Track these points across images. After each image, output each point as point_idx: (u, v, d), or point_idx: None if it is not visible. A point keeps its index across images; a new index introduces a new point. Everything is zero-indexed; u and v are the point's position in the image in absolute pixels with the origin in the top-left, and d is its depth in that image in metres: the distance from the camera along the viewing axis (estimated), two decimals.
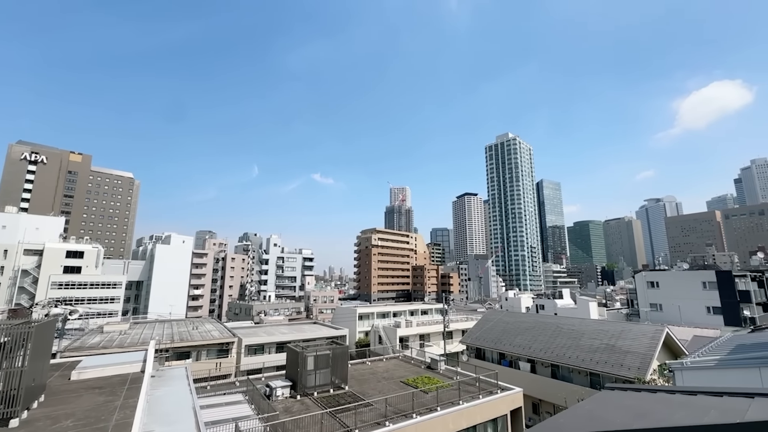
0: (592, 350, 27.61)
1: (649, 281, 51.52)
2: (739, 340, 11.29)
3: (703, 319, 44.25)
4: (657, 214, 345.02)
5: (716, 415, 3.50)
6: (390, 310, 59.82)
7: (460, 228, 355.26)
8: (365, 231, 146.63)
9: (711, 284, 45.67)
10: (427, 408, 17.07)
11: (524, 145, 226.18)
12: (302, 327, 49.08)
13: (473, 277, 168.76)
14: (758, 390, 3.84)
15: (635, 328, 29.34)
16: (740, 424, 3.09)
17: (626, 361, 25.27)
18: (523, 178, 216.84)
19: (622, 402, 5.17)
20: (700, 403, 4.05)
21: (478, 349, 35.61)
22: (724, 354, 8.94)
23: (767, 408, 3.32)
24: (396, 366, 25.90)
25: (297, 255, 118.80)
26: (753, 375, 7.39)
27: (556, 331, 31.88)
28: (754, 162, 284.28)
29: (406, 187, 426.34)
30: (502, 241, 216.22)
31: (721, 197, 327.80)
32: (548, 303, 65.17)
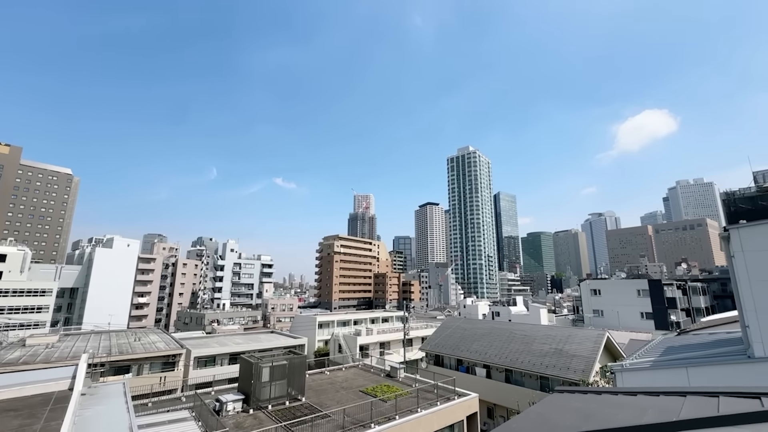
0: (542, 354, 29.02)
1: (592, 289, 55.56)
2: (668, 342, 12.40)
3: (638, 324, 48.40)
4: (599, 227, 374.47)
5: (654, 415, 3.76)
6: (351, 318, 59.11)
7: (422, 236, 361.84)
8: (327, 237, 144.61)
9: (644, 292, 50.21)
10: (386, 417, 16.92)
11: (483, 159, 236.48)
12: (258, 336, 46.97)
13: (433, 284, 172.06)
14: (689, 389, 4.19)
15: (580, 333, 31.32)
16: (676, 422, 3.34)
17: (572, 364, 26.82)
18: (481, 190, 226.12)
19: (570, 404, 5.42)
20: (639, 403, 4.35)
21: (437, 355, 36.10)
22: (657, 356, 9.76)
23: (698, 406, 3.63)
24: (355, 375, 25.50)
25: (255, 261, 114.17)
26: (681, 374, 8.10)
27: (509, 337, 33.18)
28: (679, 183, 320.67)
29: (369, 194, 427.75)
30: (461, 250, 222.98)
31: (652, 213, 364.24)
32: (503, 310, 67.89)
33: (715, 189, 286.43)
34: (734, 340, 9.10)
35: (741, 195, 14.46)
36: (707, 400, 3.77)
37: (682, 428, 3.35)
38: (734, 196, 14.65)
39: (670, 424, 3.36)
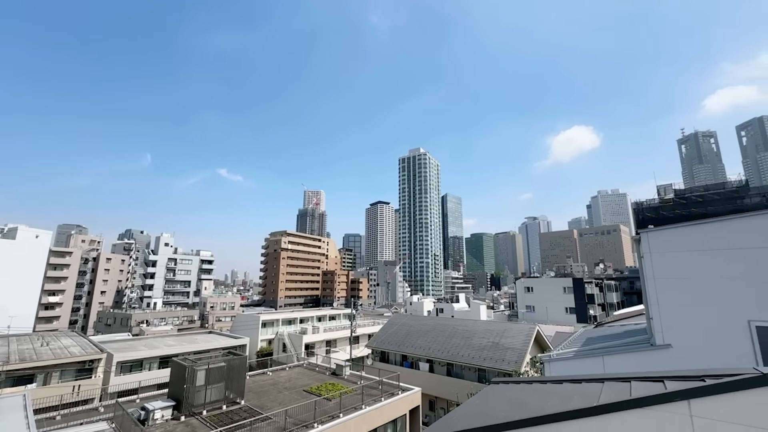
0: (480, 348, 30.76)
1: (526, 287, 60.24)
2: (587, 334, 13.82)
3: (563, 318, 53.48)
4: (534, 230, 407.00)
5: (578, 401, 4.14)
6: (297, 316, 57.58)
7: (372, 234, 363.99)
8: (275, 233, 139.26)
9: (569, 289, 55.66)
10: (330, 415, 16.73)
11: (433, 161, 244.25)
12: (194, 337, 43.76)
13: (382, 282, 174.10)
14: (606, 376, 4.68)
15: (514, 327, 33.77)
16: (597, 407, 3.71)
17: (507, 356, 28.81)
18: (430, 191, 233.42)
19: (505, 395, 5.77)
20: (565, 391, 4.76)
21: (382, 352, 36.56)
22: (578, 346, 10.81)
23: (614, 391, 4.06)
24: (300, 374, 24.88)
25: (193, 257, 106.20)
26: (598, 362, 9.05)
27: (452, 333, 34.69)
28: (600, 193, 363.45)
29: (320, 190, 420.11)
30: (409, 248, 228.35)
31: (578, 219, 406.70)
32: (447, 306, 70.83)
33: (627, 199, 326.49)
34: (640, 330, 10.41)
35: (647, 205, 16.30)
36: (621, 385, 4.23)
37: (602, 412, 3.73)
38: (642, 206, 16.45)
39: (592, 408, 3.72)
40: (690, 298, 7.88)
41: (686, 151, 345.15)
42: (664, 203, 16.66)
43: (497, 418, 4.39)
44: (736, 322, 7.42)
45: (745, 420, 3.12)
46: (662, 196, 19.58)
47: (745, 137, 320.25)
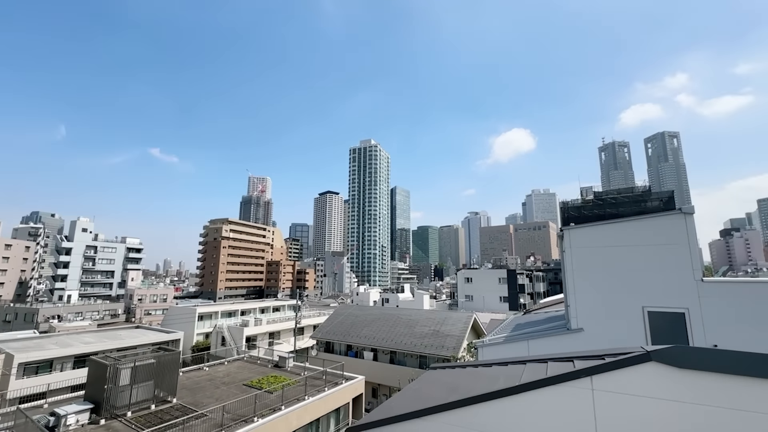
0: (422, 336, 32.15)
1: (466, 277, 63.98)
2: (517, 321, 15.16)
3: (498, 306, 57.82)
4: (475, 224, 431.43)
5: (504, 381, 4.59)
6: (238, 308, 55.04)
7: (320, 224, 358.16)
8: (215, 221, 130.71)
9: (503, 279, 60.26)
10: (271, 408, 16.42)
11: (383, 153, 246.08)
12: (118, 333, 39.80)
13: (329, 273, 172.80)
14: (528, 358, 5.23)
15: (454, 315, 35.78)
16: (518, 386, 4.15)
17: (446, 342, 30.49)
18: (380, 183, 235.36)
19: (441, 379, 6.17)
20: (493, 373, 5.24)
21: (327, 342, 36.54)
22: (508, 332, 11.84)
23: (534, 371, 4.57)
24: (239, 368, 23.96)
25: (118, 244, 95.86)
26: (524, 346, 10.01)
27: (396, 322, 35.75)
28: (533, 191, 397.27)
29: (266, 177, 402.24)
30: (358, 239, 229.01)
31: (513, 215, 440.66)
32: (392, 297, 72.63)
33: (556, 198, 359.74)
34: (560, 316, 11.70)
35: (571, 205, 18.13)
36: (540, 365, 4.77)
37: (523, 390, 4.19)
38: (567, 205, 18.25)
39: (515, 387, 4.16)
40: (599, 288, 9.06)
41: (605, 158, 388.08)
42: (585, 203, 18.54)
43: (432, 401, 4.70)
44: (634, 308, 8.70)
45: (633, 391, 3.73)
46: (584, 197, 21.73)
47: (651, 149, 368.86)
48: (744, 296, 7.77)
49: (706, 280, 8.00)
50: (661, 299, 8.28)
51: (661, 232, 8.33)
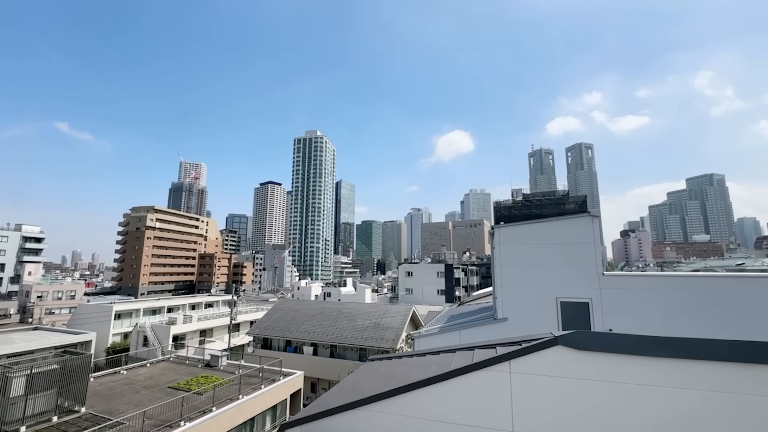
0: (363, 329, 32.58)
1: (406, 271, 66.09)
2: (451, 312, 16.11)
3: (435, 299, 60.69)
4: (417, 220, 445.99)
5: (435, 369, 4.90)
6: (164, 305, 50.47)
7: (260, 216, 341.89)
8: (138, 209, 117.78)
9: (441, 273, 63.39)
10: (200, 411, 15.45)
11: (329, 145, 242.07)
12: (10, 337, 34.11)
13: (269, 266, 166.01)
14: (458, 346, 5.65)
15: (394, 308, 36.78)
16: (447, 372, 4.48)
17: (386, 335, 31.26)
18: (325, 176, 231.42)
19: (378, 370, 6.38)
20: (426, 362, 5.56)
21: (265, 339, 35.29)
22: (443, 323, 12.57)
23: (463, 358, 4.96)
24: (164, 370, 22.10)
25: (10, 233, 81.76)
26: (456, 336, 10.71)
27: (337, 315, 35.72)
28: (471, 191, 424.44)
29: (201, 163, 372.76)
30: (300, 232, 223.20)
31: (452, 212, 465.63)
32: (334, 291, 72.29)
33: (490, 198, 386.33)
34: (489, 308, 12.71)
35: (503, 205, 19.58)
36: (468, 353, 5.18)
37: (452, 376, 4.53)
38: (499, 205, 19.68)
39: (445, 374, 4.49)
40: (522, 281, 10.04)
41: (533, 163, 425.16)
42: (515, 204, 20.10)
43: (369, 392, 4.85)
44: (550, 298, 9.79)
45: (544, 371, 4.24)
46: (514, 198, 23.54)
47: (570, 157, 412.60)
48: (633, 287, 9.21)
49: (606, 273, 9.32)
50: (571, 290, 9.46)
51: (574, 232, 9.51)
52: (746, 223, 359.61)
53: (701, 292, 8.66)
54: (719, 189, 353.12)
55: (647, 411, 3.78)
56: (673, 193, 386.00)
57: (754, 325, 8.43)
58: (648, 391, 3.83)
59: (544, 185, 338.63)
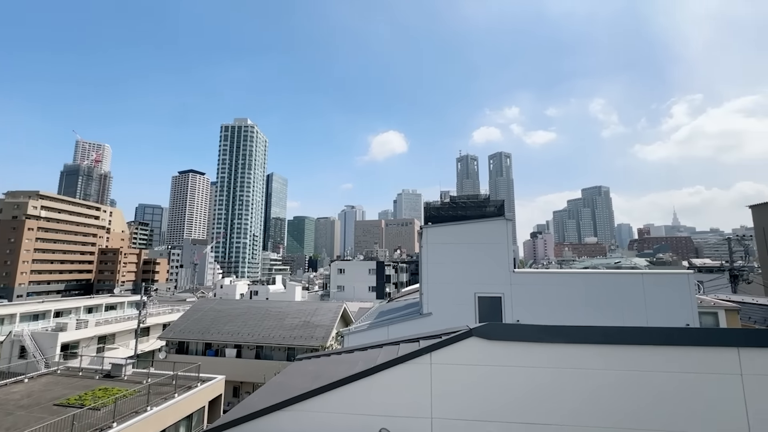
0: (292, 328, 31.72)
1: (339, 268, 65.99)
2: (381, 308, 16.61)
3: (366, 296, 61.61)
4: (351, 217, 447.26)
5: (362, 364, 5.07)
6: (50, 308, 42.93)
7: (178, 208, 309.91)
8: (14, 193, 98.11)
9: (372, 270, 64.62)
10: (97, 429, 13.60)
11: (261, 136, 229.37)
12: None
13: (187, 263, 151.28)
14: (385, 342, 5.91)
15: (325, 306, 36.50)
16: (374, 367, 4.68)
17: (316, 333, 30.88)
18: (255, 168, 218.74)
19: (306, 369, 6.36)
20: (354, 358, 5.71)
21: (181, 342, 32.28)
22: (373, 319, 12.91)
23: (389, 352, 5.21)
24: (49, 385, 18.89)
25: None
26: (385, 331, 11.10)
27: (264, 315, 34.22)
28: (403, 191, 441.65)
29: (105, 144, 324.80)
30: (226, 227, 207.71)
31: (385, 211, 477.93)
32: (262, 289, 69.00)
33: (421, 199, 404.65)
34: (416, 303, 13.41)
35: (432, 206, 20.67)
36: (394, 347, 5.46)
37: (378, 370, 4.74)
38: (429, 205, 20.74)
39: (370, 369, 4.68)
40: (446, 278, 10.81)
41: (460, 167, 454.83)
42: (443, 206, 21.42)
43: (295, 391, 4.83)
44: (469, 293, 10.71)
45: (460, 361, 4.69)
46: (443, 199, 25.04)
47: (492, 164, 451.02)
48: (537, 283, 10.57)
49: (516, 271, 10.53)
50: (487, 286, 10.49)
51: (490, 233, 10.56)
52: (623, 228, 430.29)
53: (587, 286, 10.35)
54: (605, 199, 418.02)
55: (546, 388, 4.44)
56: (571, 201, 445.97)
57: (623, 313, 10.31)
58: (546, 372, 4.50)
59: (469, 189, 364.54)
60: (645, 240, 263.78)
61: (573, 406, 4.36)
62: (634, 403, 4.27)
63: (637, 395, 4.29)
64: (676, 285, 9.77)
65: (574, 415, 4.34)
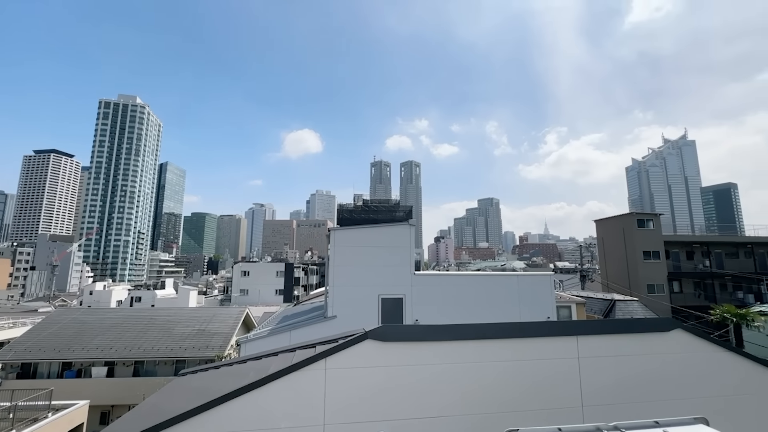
0: (183, 338, 28.26)
1: (243, 270, 61.44)
2: (286, 312, 15.97)
3: (273, 299, 58.60)
4: (259, 216, 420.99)
5: (254, 375, 4.77)
6: None
7: (31, 195, 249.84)
8: None
9: (281, 273, 61.90)
10: None
11: (154, 119, 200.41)
12: None
13: (42, 265, 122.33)
14: (281, 348, 5.67)
15: (225, 311, 33.51)
16: (265, 377, 4.44)
17: (212, 342, 28.07)
18: (145, 154, 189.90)
19: (190, 385, 5.71)
20: (246, 369, 5.34)
21: (26, 364, 25.91)
22: (275, 324, 12.32)
23: (284, 360, 4.99)
24: None
25: None
26: (287, 337, 10.70)
27: (148, 324, 29.82)
28: (318, 191, 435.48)
29: None
30: (101, 221, 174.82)
31: (298, 211, 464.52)
32: (147, 294, 60.08)
33: (335, 201, 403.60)
34: (322, 306, 13.24)
35: (345, 208, 20.78)
36: (290, 354, 5.27)
37: (269, 380, 4.50)
38: (343, 207, 20.80)
39: (261, 380, 4.42)
40: (352, 280, 10.95)
41: (374, 172, 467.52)
42: (356, 208, 21.76)
43: (171, 412, 4.28)
44: (374, 295, 11.02)
45: (356, 364, 4.76)
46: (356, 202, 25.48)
47: (403, 171, 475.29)
48: (434, 284, 11.47)
49: (416, 273, 11.26)
50: (390, 288, 10.96)
51: (395, 237, 11.09)
52: (508, 235, 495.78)
53: (475, 287, 11.66)
54: (496, 210, 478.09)
55: (435, 383, 4.80)
56: (469, 210, 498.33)
57: (504, 309, 11.89)
58: (433, 368, 4.87)
59: (382, 193, 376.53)
60: (524, 246, 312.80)
61: (458, 397, 4.82)
62: (509, 389, 4.94)
63: (509, 382, 4.97)
64: (540, 284, 11.71)
65: (461, 406, 4.81)
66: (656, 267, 36.00)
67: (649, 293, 34.24)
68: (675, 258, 37.43)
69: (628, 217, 39.25)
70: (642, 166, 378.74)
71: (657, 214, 39.90)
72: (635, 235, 36.81)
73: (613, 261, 38.92)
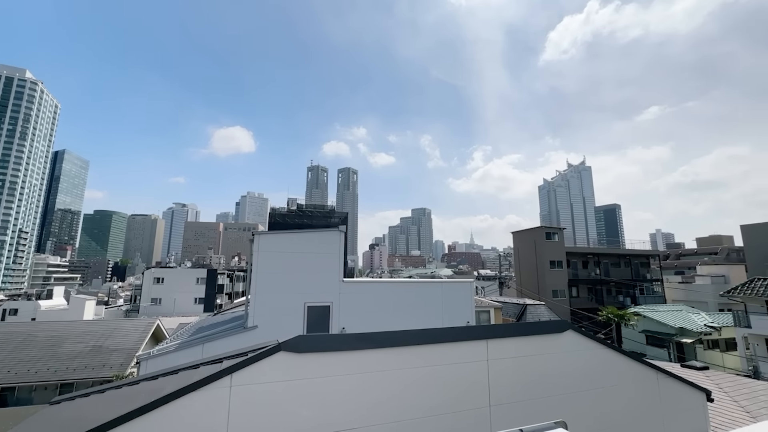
0: (72, 357, 24.06)
1: (156, 277, 54.88)
2: (202, 323, 14.53)
3: (191, 308, 53.20)
4: (180, 217, 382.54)
5: (142, 399, 4.12)
6: None
7: None
8: None
9: (202, 280, 56.62)
10: None
11: (49, 97, 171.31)
12: None
13: None
14: (182, 366, 5.03)
15: (129, 324, 29.43)
16: (154, 401, 3.83)
17: (111, 359, 24.35)
18: (36, 139, 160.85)
19: (62, 415, 4.77)
20: (136, 391, 4.62)
21: None
22: (186, 337, 11.09)
23: (184, 378, 4.41)
24: None
25: None
26: (198, 350, 9.68)
27: (24, 342, 24.81)
28: (249, 193, 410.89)
29: None
30: None
31: (225, 213, 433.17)
32: (26, 306, 50.21)
33: (268, 203, 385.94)
34: (242, 315, 12.29)
35: (278, 212, 19.88)
36: (192, 372, 4.69)
37: (160, 404, 3.90)
38: (275, 211, 19.85)
39: (149, 404, 3.82)
40: (275, 287, 10.36)
41: (310, 176, 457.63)
42: (290, 213, 20.96)
43: None
44: (299, 303, 10.55)
45: (265, 379, 4.38)
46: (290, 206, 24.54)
47: (340, 178, 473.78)
48: (363, 291, 11.41)
49: (345, 280, 11.09)
50: (317, 296, 10.60)
51: (324, 243, 10.80)
52: (438, 244, 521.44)
53: (401, 294, 11.88)
54: (428, 219, 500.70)
55: (356, 394, 4.65)
56: (403, 218, 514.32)
57: (429, 315, 12.29)
58: (354, 378, 4.73)
59: (318, 198, 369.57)
60: (452, 254, 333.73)
61: (376, 406, 4.73)
62: (426, 394, 5.00)
63: (426, 387, 5.04)
64: (462, 291, 12.40)
65: (378, 415, 4.72)
66: (559, 274, 40.82)
67: (553, 298, 38.65)
68: (574, 267, 42.88)
69: (538, 230, 44.02)
70: (551, 185, 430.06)
71: (561, 228, 45.42)
72: (544, 247, 41.37)
73: (526, 269, 43.17)
